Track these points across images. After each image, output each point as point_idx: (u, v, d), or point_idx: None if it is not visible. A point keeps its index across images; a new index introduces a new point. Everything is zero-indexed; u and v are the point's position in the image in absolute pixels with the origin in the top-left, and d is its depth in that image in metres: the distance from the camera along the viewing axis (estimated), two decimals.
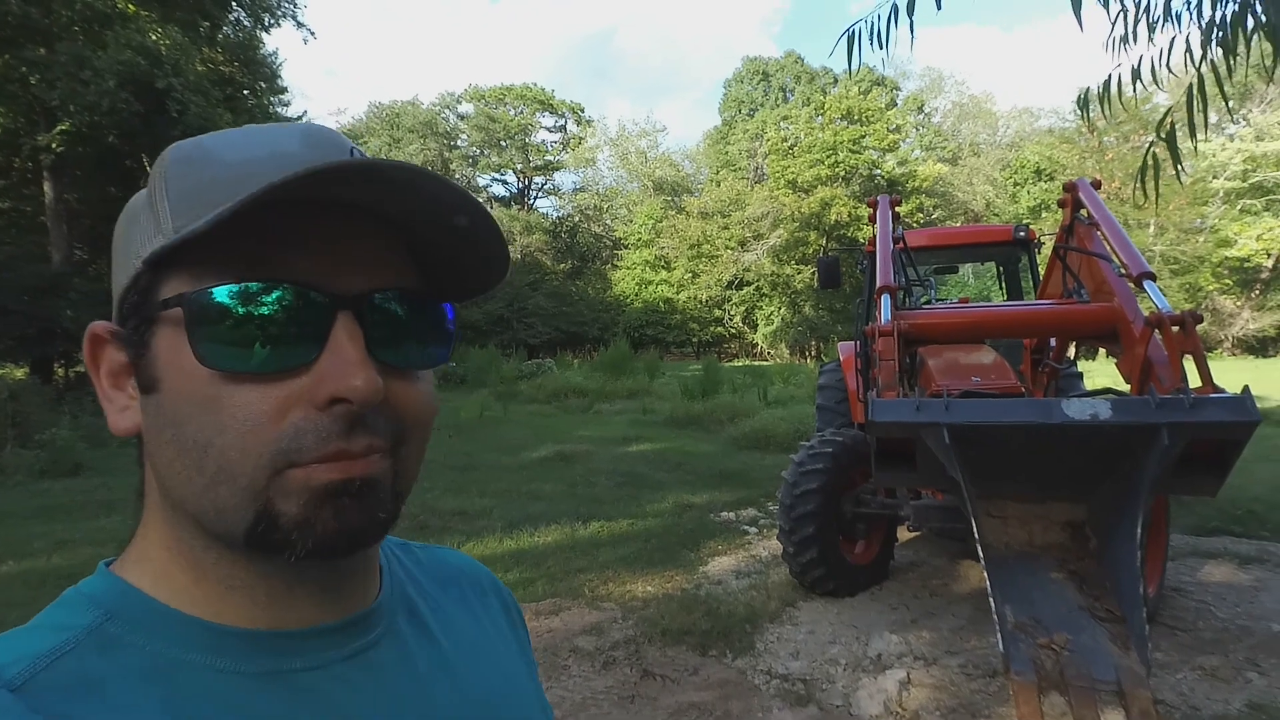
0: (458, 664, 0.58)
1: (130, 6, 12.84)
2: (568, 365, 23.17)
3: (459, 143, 47.57)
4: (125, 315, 0.48)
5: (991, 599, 2.37)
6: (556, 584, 4.68)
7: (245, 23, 16.76)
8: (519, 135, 47.48)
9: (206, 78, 13.73)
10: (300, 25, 17.40)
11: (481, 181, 48.57)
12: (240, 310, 0.43)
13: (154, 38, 12.42)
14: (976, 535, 2.53)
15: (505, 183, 49.47)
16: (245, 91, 16.70)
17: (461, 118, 47.82)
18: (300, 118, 19.21)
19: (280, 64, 18.06)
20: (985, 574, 2.45)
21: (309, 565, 0.47)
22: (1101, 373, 12.80)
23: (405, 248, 0.50)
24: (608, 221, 47.47)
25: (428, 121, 45.49)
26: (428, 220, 0.48)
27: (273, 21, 16.88)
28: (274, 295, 0.44)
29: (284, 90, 19.13)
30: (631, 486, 7.54)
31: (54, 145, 12.56)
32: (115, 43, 11.73)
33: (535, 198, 50.03)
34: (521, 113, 47.91)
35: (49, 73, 11.78)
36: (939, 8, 1.98)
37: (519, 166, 48.41)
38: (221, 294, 0.43)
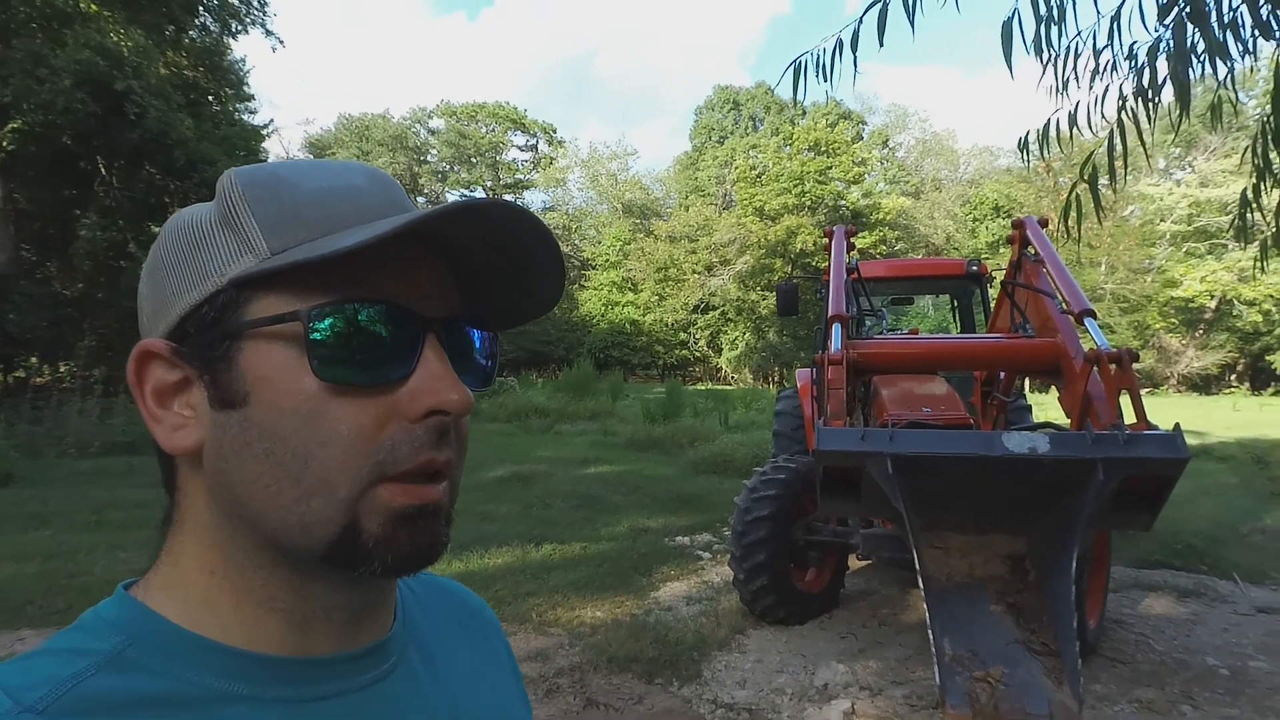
0: (461, 697, 0.60)
1: (92, 6, 12.57)
2: (531, 384, 22.99)
3: (429, 157, 47.42)
4: (190, 332, 0.49)
5: (930, 631, 2.37)
6: (503, 608, 4.58)
7: (212, 28, 16.51)
8: (490, 153, 47.52)
9: (169, 82, 13.47)
10: (269, 33, 17.21)
11: (451, 197, 48.33)
12: (352, 328, 0.47)
13: (115, 39, 12.15)
14: (918, 565, 2.54)
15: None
16: (210, 97, 16.43)
17: (432, 133, 47.70)
18: (267, 126, 18.96)
19: (248, 71, 17.86)
20: (925, 605, 2.45)
21: (359, 586, 0.51)
22: (1053, 405, 13.13)
23: (453, 275, 0.54)
24: (576, 242, 47.58)
25: (398, 135, 45.29)
26: (496, 251, 0.53)
27: (240, 28, 16.65)
28: (380, 315, 0.48)
29: (251, 98, 18.92)
30: (588, 509, 7.47)
31: (4, 143, 12.18)
32: (74, 42, 11.44)
33: None
34: (493, 130, 47.99)
35: (3, 69, 11.45)
36: (880, 45, 2.03)
37: (489, 183, 48.36)
38: (337, 312, 0.47)
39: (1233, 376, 38.22)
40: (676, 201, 47.18)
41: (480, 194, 48.65)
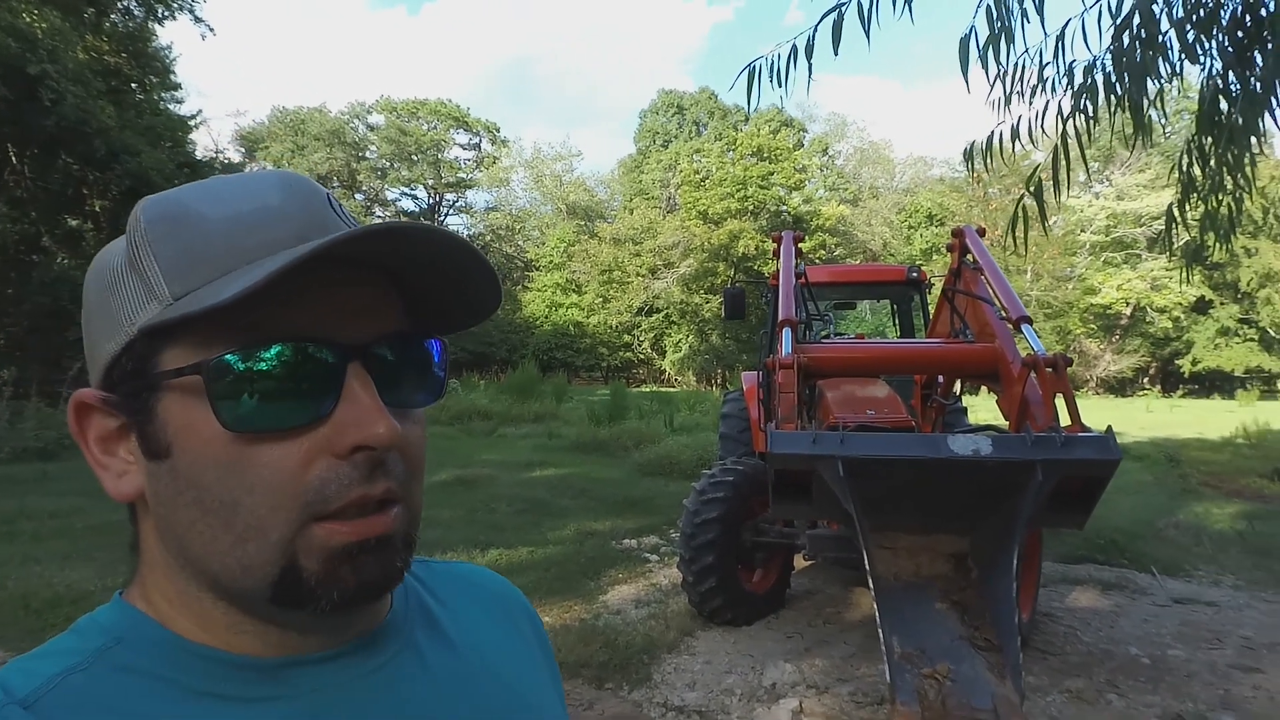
0: (480, 674, 0.59)
1: None
2: (474, 386, 22.60)
3: (368, 154, 46.21)
4: (117, 381, 0.48)
5: (880, 629, 2.43)
6: None
7: (136, 13, 15.69)
8: (431, 150, 46.61)
9: (88, 67, 12.74)
10: (198, 20, 16.45)
11: (390, 195, 47.34)
12: (259, 372, 0.44)
13: (29, 20, 11.45)
14: (868, 566, 2.59)
15: (415, 198, 48.38)
16: (133, 85, 15.61)
17: (371, 128, 46.52)
18: (195, 117, 18.15)
19: (174, 59, 17.04)
20: (875, 605, 2.51)
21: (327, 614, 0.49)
22: (984, 408, 13.65)
23: (394, 289, 0.52)
24: (520, 242, 47.17)
25: (335, 130, 43.98)
26: (425, 267, 0.50)
27: (167, 14, 15.85)
28: (290, 354, 0.45)
29: (177, 86, 18.04)
30: (534, 513, 7.38)
31: None
32: None
33: (446, 214, 49.10)
34: (435, 128, 47.09)
35: None
36: (835, 54, 2.07)
37: (430, 182, 47.45)
38: (239, 359, 0.44)
39: (1145, 379, 40.49)
40: (621, 204, 47.28)
41: (421, 192, 47.76)
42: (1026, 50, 2.25)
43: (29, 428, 9.67)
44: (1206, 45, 2.40)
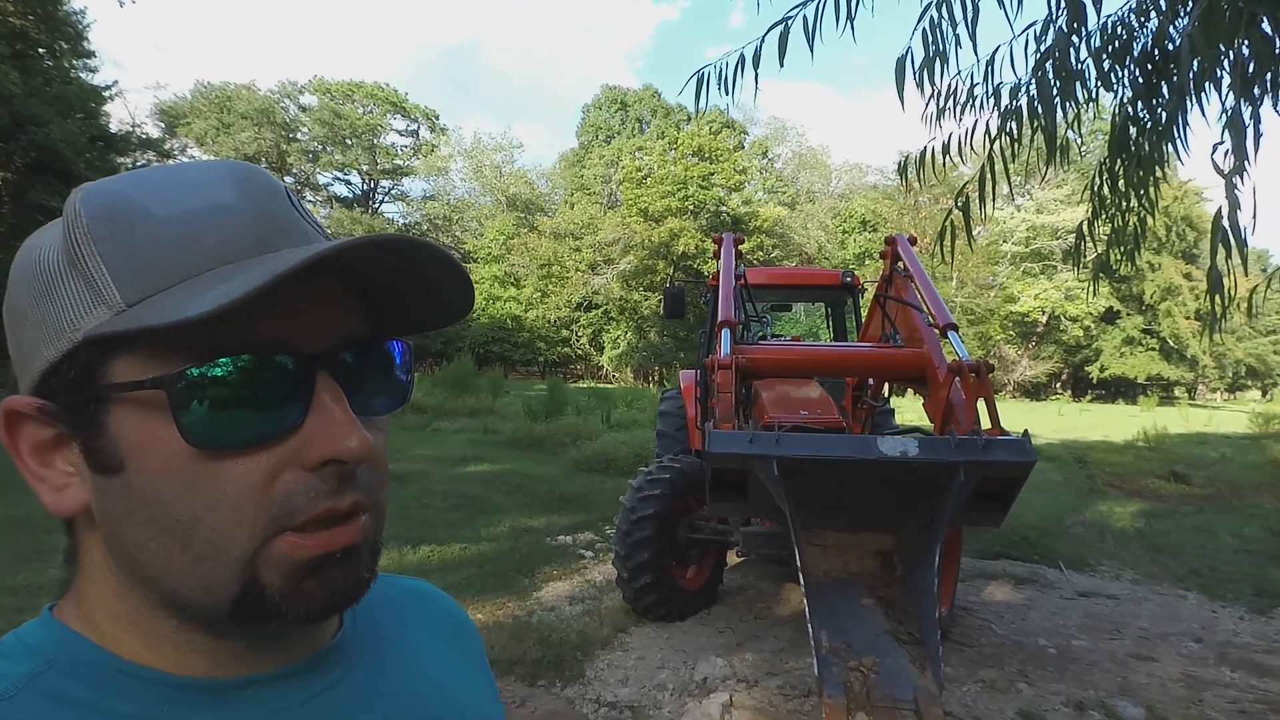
0: (424, 702, 0.57)
1: None
2: None
3: (299, 135, 44.57)
4: (56, 390, 0.44)
5: (809, 624, 2.50)
6: None
7: None
8: (366, 135, 45.35)
9: None
10: None
11: (323, 179, 45.83)
12: (225, 385, 0.42)
13: None
14: (799, 563, 2.67)
15: (349, 183, 47.07)
16: (40, 50, 14.65)
17: (303, 109, 44.89)
18: (111, 87, 17.15)
19: (88, 25, 16.06)
20: (805, 600, 2.58)
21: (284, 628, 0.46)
22: (910, 409, 14.17)
23: (360, 294, 0.49)
24: (457, 233, 46.35)
25: (264, 109, 42.24)
26: (396, 274, 0.48)
27: None
28: (254, 366, 0.43)
29: (91, 54, 17.04)
30: (467, 509, 7.29)
31: None
32: None
33: (381, 201, 47.93)
34: (371, 112, 45.83)
35: None
36: (781, 65, 2.13)
37: (365, 167, 46.16)
38: (203, 373, 0.42)
39: (1058, 384, 42.82)
40: (562, 198, 47.02)
41: (355, 178, 46.36)
42: (959, 72, 2.36)
43: None
44: (1120, 74, 2.57)
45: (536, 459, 10.65)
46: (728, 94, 2.29)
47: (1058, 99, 2.16)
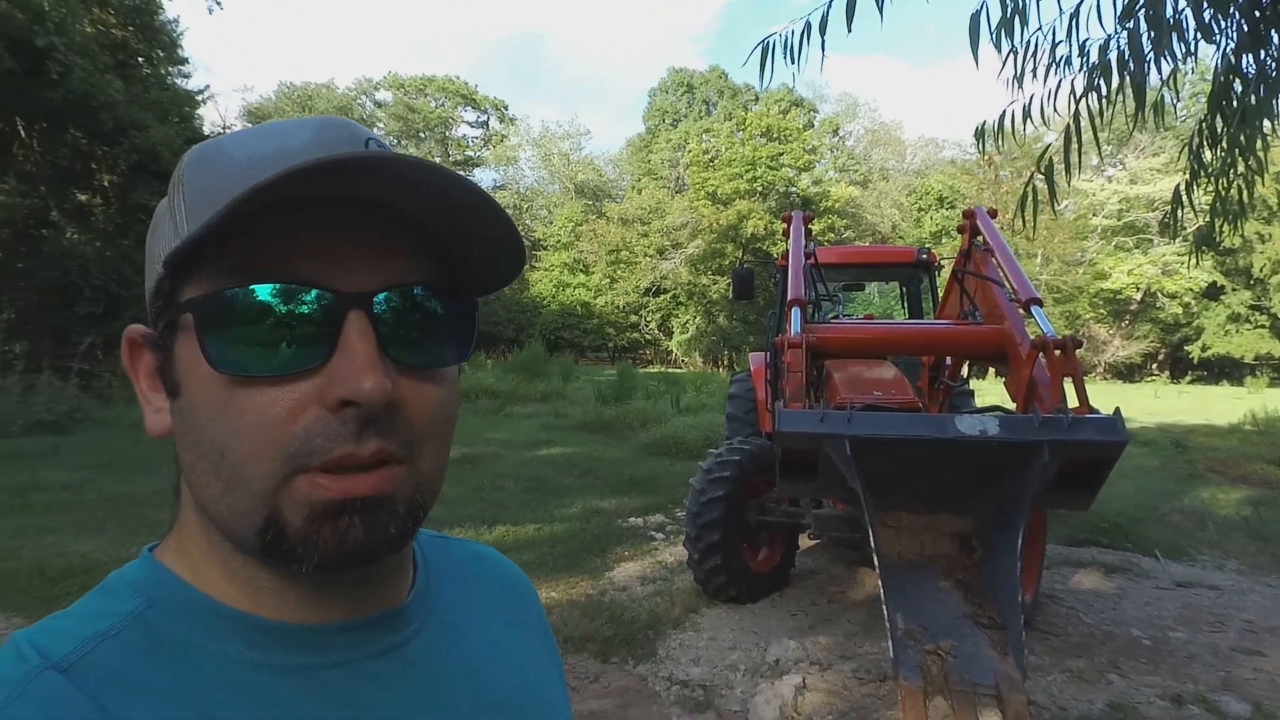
0: (487, 665, 0.58)
1: None
2: (480, 365, 22.66)
3: (375, 131, 45.96)
4: (153, 319, 0.48)
5: (884, 607, 2.45)
6: None
7: None
8: (439, 128, 46.44)
9: (95, 40, 12.69)
10: None
11: None
12: (248, 313, 0.43)
13: None
14: (873, 545, 2.61)
15: None
16: (140, 59, 15.54)
17: (379, 105, 46.33)
18: (203, 91, 18.07)
19: (181, 33, 16.92)
20: (879, 582, 2.53)
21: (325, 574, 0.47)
22: (991, 391, 13.61)
23: (421, 241, 0.48)
24: (527, 222, 46.99)
25: (342, 107, 43.83)
26: (431, 211, 0.46)
27: None
28: (282, 296, 0.43)
29: (185, 61, 17.90)
30: (539, 491, 7.45)
31: None
32: None
33: None
34: (443, 105, 46.86)
35: None
36: (849, 30, 2.05)
37: (438, 159, 47.15)
38: (227, 298, 0.43)
39: (1154, 365, 40.30)
40: (629, 183, 46.99)
41: None
42: (1040, 28, 2.22)
43: (40, 401, 9.77)
44: (1222, 24, 2.37)
45: (606, 443, 10.76)
46: (793, 63, 2.23)
47: (1150, 53, 2.01)
